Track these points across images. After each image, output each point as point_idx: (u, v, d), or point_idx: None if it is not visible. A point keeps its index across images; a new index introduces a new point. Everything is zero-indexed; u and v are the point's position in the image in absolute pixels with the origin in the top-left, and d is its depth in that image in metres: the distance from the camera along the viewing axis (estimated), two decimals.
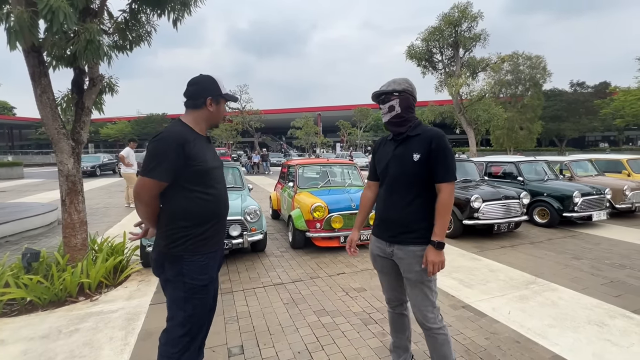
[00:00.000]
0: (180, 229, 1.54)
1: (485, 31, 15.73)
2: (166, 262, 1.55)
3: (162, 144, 1.48)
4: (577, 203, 5.92)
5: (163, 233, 1.57)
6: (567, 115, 32.81)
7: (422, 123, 1.80)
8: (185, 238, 1.54)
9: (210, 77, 1.66)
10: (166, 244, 1.55)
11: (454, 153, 1.71)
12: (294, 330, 2.64)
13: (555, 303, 3.11)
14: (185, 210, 1.55)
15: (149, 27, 4.60)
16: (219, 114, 1.70)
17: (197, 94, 1.63)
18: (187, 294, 1.55)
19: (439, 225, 1.65)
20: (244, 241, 4.10)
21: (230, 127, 36.69)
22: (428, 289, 1.72)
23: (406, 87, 1.75)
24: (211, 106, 1.64)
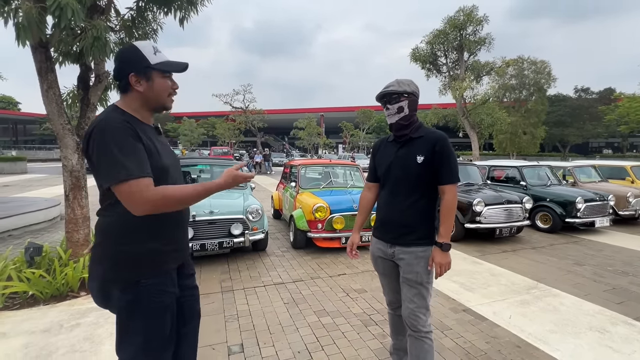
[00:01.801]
0: (133, 245, 1.19)
1: (490, 35, 15.75)
2: (114, 290, 1.20)
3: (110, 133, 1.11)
4: (580, 209, 5.89)
5: (109, 254, 1.19)
6: (571, 121, 32.70)
7: (423, 124, 1.81)
8: (139, 257, 1.21)
9: (131, 47, 1.24)
10: (112, 267, 1.19)
11: (455, 154, 1.73)
12: (294, 330, 2.64)
13: (557, 308, 3.09)
14: (137, 222, 1.16)
15: (155, 25, 4.62)
16: (155, 93, 1.24)
17: (117, 73, 1.24)
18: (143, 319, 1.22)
19: (444, 227, 1.66)
20: (245, 240, 4.11)
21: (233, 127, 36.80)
22: (425, 290, 1.72)
23: (415, 89, 1.76)
24: (139, 84, 1.21)
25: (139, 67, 1.21)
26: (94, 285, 1.23)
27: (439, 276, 1.67)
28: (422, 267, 1.69)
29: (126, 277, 1.19)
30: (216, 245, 3.96)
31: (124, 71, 1.22)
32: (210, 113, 47.60)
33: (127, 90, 1.23)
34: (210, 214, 4.01)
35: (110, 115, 1.18)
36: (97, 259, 1.22)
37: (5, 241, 4.99)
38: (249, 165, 22.36)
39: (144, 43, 1.25)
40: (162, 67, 1.25)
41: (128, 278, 1.19)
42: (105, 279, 1.20)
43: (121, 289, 1.19)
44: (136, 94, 1.23)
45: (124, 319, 1.23)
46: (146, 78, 1.23)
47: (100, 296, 1.23)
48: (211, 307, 2.99)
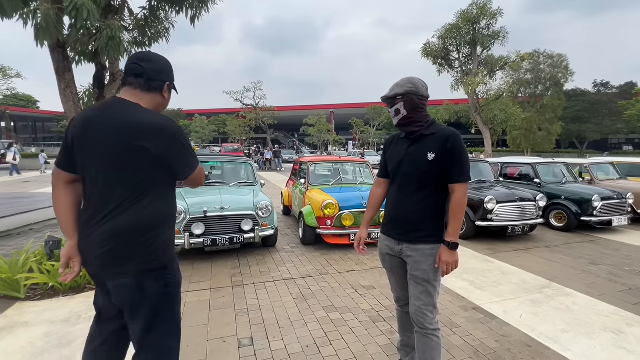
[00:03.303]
0: (164, 233, 1.34)
1: (504, 29, 15.36)
2: (147, 280, 1.28)
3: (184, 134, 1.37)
4: (596, 207, 5.74)
5: (144, 245, 1.27)
6: (589, 117, 31.67)
7: (436, 122, 1.78)
8: (167, 243, 1.35)
9: (168, 61, 1.43)
10: (147, 258, 1.28)
11: (466, 152, 1.70)
12: (303, 325, 2.67)
13: (570, 308, 3.04)
14: (166, 212, 1.36)
15: (167, 23, 4.70)
16: (167, 104, 1.46)
17: (155, 74, 1.35)
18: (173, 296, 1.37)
19: (452, 225, 1.65)
20: (255, 236, 4.16)
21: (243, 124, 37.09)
22: (433, 288, 1.72)
23: (408, 88, 1.71)
24: (166, 93, 1.41)
25: (172, 80, 1.44)
26: (126, 281, 1.25)
27: (446, 275, 1.67)
28: (430, 264, 1.69)
29: (157, 265, 1.30)
30: (227, 241, 4.03)
31: (164, 77, 1.39)
32: (221, 110, 48.04)
33: (154, 91, 1.37)
34: (221, 210, 4.08)
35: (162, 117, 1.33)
36: (127, 256, 1.24)
37: (26, 235, 5.19)
38: (259, 162, 22.54)
39: None
40: (175, 89, 1.50)
41: (158, 264, 1.30)
42: (140, 272, 1.27)
43: (154, 278, 1.29)
44: (159, 99, 1.39)
45: (160, 308, 1.32)
46: (170, 91, 1.44)
47: (135, 290, 1.26)
48: (222, 301, 3.06)
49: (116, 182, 1.23)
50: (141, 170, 1.24)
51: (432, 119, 1.78)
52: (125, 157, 1.22)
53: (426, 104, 1.78)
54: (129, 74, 1.33)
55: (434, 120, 1.78)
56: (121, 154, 1.22)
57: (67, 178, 1.32)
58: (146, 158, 1.23)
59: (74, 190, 1.34)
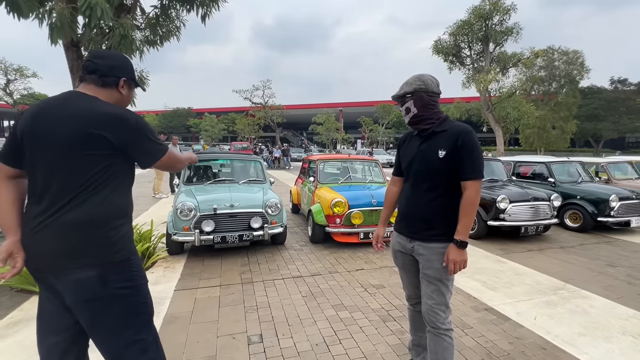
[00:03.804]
0: (123, 226, 1.32)
1: (518, 25, 15.01)
2: (111, 274, 1.25)
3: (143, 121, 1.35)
4: (613, 207, 5.57)
5: (104, 239, 1.24)
6: (606, 115, 30.81)
7: (449, 118, 1.75)
8: (127, 236, 1.34)
9: (125, 57, 1.46)
10: (108, 251, 1.25)
11: (480, 149, 1.65)
12: (312, 323, 2.66)
13: (586, 311, 2.95)
14: (126, 204, 1.37)
15: (179, 22, 4.73)
16: (128, 100, 1.45)
17: (109, 70, 1.34)
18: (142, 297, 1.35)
19: (462, 223, 1.62)
20: (264, 233, 4.17)
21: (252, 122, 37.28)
22: (445, 287, 1.69)
23: (417, 86, 1.69)
24: (123, 89, 1.39)
25: (130, 76, 1.42)
26: (88, 274, 1.20)
27: (453, 273, 1.64)
28: (442, 263, 1.66)
29: (120, 257, 1.28)
30: (236, 238, 4.05)
31: (118, 72, 1.37)
32: (230, 109, 48.39)
33: (109, 87, 1.36)
34: (230, 207, 4.10)
35: (123, 108, 1.35)
36: (88, 249, 1.21)
37: None
38: (268, 160, 22.64)
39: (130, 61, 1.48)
40: (137, 82, 1.50)
41: (122, 257, 1.28)
42: (104, 263, 1.23)
43: (117, 271, 1.26)
44: (116, 95, 1.38)
45: (131, 303, 1.29)
46: (129, 86, 1.44)
47: (99, 283, 1.22)
48: (231, 298, 3.07)
49: (73, 173, 1.19)
50: (99, 160, 1.22)
51: (444, 116, 1.75)
52: (82, 146, 1.18)
53: (437, 100, 1.75)
54: (84, 71, 1.33)
55: (446, 116, 1.75)
56: (79, 143, 1.18)
57: (11, 173, 1.27)
58: (105, 147, 1.21)
59: (17, 186, 1.29)
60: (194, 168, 5.61)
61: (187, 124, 51.71)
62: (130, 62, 1.45)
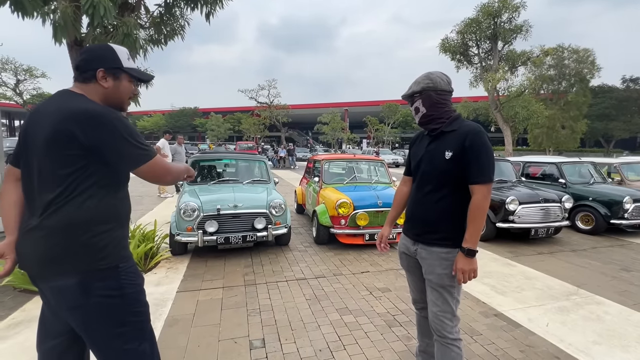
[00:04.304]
0: (110, 231, 1.23)
1: (527, 22, 14.75)
2: (94, 281, 1.18)
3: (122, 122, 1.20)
4: (627, 209, 5.40)
5: (86, 243, 1.17)
6: (617, 114, 30.20)
7: (461, 117, 1.67)
8: (115, 242, 1.25)
9: (107, 46, 1.31)
10: (92, 257, 1.18)
11: (490, 150, 1.55)
12: (316, 327, 2.60)
13: (601, 318, 2.84)
14: (113, 209, 1.27)
15: (183, 21, 4.70)
16: (118, 93, 1.30)
17: (85, 64, 1.26)
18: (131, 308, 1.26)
19: (470, 230, 1.53)
20: (268, 234, 4.12)
21: (258, 122, 37.37)
22: (449, 294, 1.61)
23: (425, 84, 1.63)
24: (105, 80, 1.26)
25: (110, 65, 1.28)
26: (69, 283, 1.14)
27: (463, 283, 1.57)
28: (444, 269, 1.58)
29: (106, 264, 1.20)
30: (240, 239, 4.00)
31: (94, 64, 1.26)
32: (236, 108, 48.59)
33: (89, 82, 1.27)
34: (234, 207, 4.05)
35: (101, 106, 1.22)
36: (69, 255, 1.15)
37: None
38: (273, 160, 22.64)
39: (121, 48, 1.33)
40: (132, 72, 1.34)
41: (108, 264, 1.20)
42: (85, 270, 1.16)
43: (101, 278, 1.18)
44: (99, 88, 1.27)
45: (112, 311, 1.21)
46: (114, 77, 1.29)
47: (80, 291, 1.15)
48: (234, 300, 3.02)
49: (50, 174, 1.14)
50: (73, 161, 1.13)
51: (456, 115, 1.66)
52: (54, 145, 1.12)
53: (448, 98, 1.67)
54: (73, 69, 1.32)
55: (458, 115, 1.67)
56: (51, 141, 1.12)
57: (17, 174, 1.26)
58: (76, 147, 1.12)
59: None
60: (198, 168, 5.58)
61: (194, 123, 52.09)
62: (112, 52, 1.29)
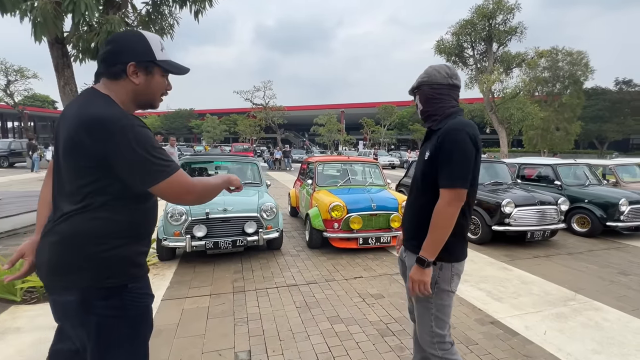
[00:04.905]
0: (121, 247, 1.11)
1: (522, 24, 14.81)
2: (97, 300, 1.07)
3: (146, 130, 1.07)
4: (623, 212, 5.36)
5: (93, 259, 1.06)
6: (610, 116, 30.50)
7: (456, 114, 1.50)
8: (127, 260, 1.12)
9: (138, 35, 1.13)
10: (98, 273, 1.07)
11: (466, 151, 1.36)
12: (305, 337, 2.49)
13: (600, 325, 2.76)
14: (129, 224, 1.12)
15: (172, 19, 4.59)
16: (151, 89, 1.15)
17: (114, 58, 1.09)
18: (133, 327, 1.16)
19: (427, 238, 1.39)
20: (259, 238, 4.00)
21: (253, 123, 37.19)
22: (425, 308, 1.50)
23: (421, 79, 1.54)
24: (136, 76, 1.10)
25: (142, 59, 1.11)
26: (70, 298, 1.06)
27: (413, 294, 1.44)
28: None
29: (113, 283, 1.08)
30: (229, 244, 3.88)
31: (124, 57, 1.09)
32: (232, 110, 48.38)
33: (119, 78, 1.10)
34: (224, 211, 3.93)
35: (121, 112, 1.05)
36: (73, 268, 1.06)
37: (28, 235, 5.17)
38: (268, 162, 22.50)
39: (153, 36, 1.15)
40: (166, 66, 1.16)
41: (115, 283, 1.09)
42: (88, 286, 1.06)
43: (105, 297, 1.07)
44: (129, 85, 1.11)
45: (110, 331, 1.10)
46: (146, 72, 1.12)
47: (80, 309, 1.07)
48: (221, 309, 2.90)
49: (68, 182, 1.07)
50: (86, 172, 1.03)
51: (451, 111, 1.50)
52: (69, 153, 1.04)
53: (446, 93, 1.52)
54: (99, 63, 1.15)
55: (453, 112, 1.50)
56: (67, 149, 1.04)
57: None
58: (87, 157, 1.01)
59: None
60: (188, 170, 5.45)
61: (189, 125, 51.77)
62: (144, 41, 1.11)
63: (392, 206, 4.56)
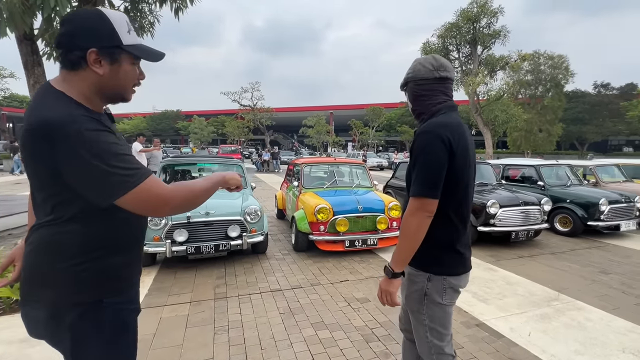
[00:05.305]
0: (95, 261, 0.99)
1: (505, 27, 15.13)
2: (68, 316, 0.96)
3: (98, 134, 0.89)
4: (603, 211, 5.48)
5: (64, 274, 0.95)
6: (590, 118, 31.52)
7: (441, 113, 1.35)
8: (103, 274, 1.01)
9: (98, 13, 0.92)
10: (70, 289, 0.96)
11: (433, 156, 1.24)
12: (288, 345, 2.40)
13: (582, 325, 2.77)
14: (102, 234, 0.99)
15: (152, 17, 4.45)
16: (119, 80, 0.97)
17: (69, 41, 0.91)
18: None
19: (396, 248, 1.30)
20: (243, 243, 3.90)
21: (242, 125, 36.86)
22: (417, 320, 1.43)
23: (407, 75, 1.44)
24: (99, 65, 0.92)
25: (105, 44, 0.91)
26: (40, 313, 0.96)
27: (381, 302, 1.36)
28: (412, 291, 1.40)
29: (86, 299, 0.98)
30: (212, 248, 3.76)
31: (81, 41, 0.90)
32: (220, 111, 47.87)
33: (78, 68, 0.92)
34: (205, 215, 3.81)
35: (69, 114, 0.88)
36: (44, 282, 0.96)
37: (3, 240, 4.91)
38: (257, 163, 22.29)
39: (117, 15, 0.95)
40: (136, 52, 0.97)
41: (88, 299, 0.98)
42: (59, 303, 0.96)
43: (79, 313, 0.96)
44: (92, 77, 0.93)
45: (86, 350, 1.00)
46: (111, 60, 0.93)
47: (51, 325, 0.97)
48: (201, 317, 2.79)
49: (37, 192, 0.96)
50: (45, 184, 0.92)
51: (438, 109, 1.36)
52: (27, 164, 0.92)
53: (434, 88, 1.38)
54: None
55: (439, 109, 1.36)
56: (25, 160, 0.92)
57: None
58: (41, 169, 0.89)
59: None
60: (171, 172, 5.30)
61: (176, 126, 50.93)
62: (106, 22, 0.91)
63: (379, 208, 4.52)
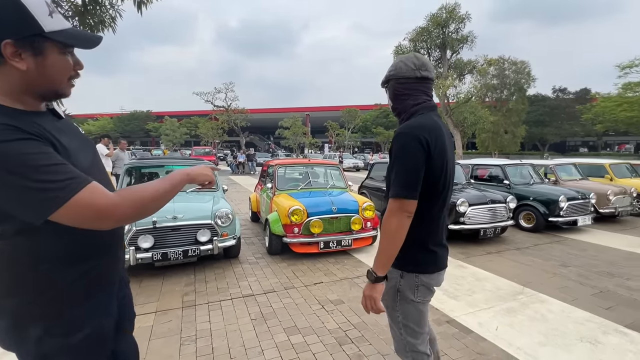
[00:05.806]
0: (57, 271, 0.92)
1: (472, 33, 15.81)
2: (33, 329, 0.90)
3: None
4: (562, 207, 5.82)
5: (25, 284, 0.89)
6: (550, 120, 33.63)
7: (419, 113, 1.34)
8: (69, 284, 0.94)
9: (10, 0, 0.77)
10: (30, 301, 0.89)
11: (411, 156, 1.23)
12: (259, 353, 2.32)
13: (545, 317, 2.90)
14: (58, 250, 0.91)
15: (114, 11, 4.21)
16: (49, 75, 0.85)
17: None
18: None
19: (377, 252, 1.29)
20: (213, 247, 3.75)
21: (216, 126, 36.00)
22: (391, 317, 1.45)
23: (389, 72, 1.42)
24: (20, 59, 0.80)
25: (22, 33, 0.78)
26: (3, 322, 0.89)
27: (365, 309, 1.33)
28: (388, 289, 1.40)
29: (50, 311, 0.91)
30: (180, 254, 3.59)
31: None
32: (193, 112, 46.52)
33: None
34: (173, 219, 3.64)
35: None
36: (2, 289, 0.89)
37: None
38: (231, 165, 21.82)
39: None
40: (64, 38, 0.84)
41: (53, 311, 0.91)
42: (19, 316, 0.89)
43: (44, 328, 0.90)
44: (13, 73, 0.80)
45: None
46: (33, 51, 0.81)
47: (12, 338, 0.90)
48: (167, 327, 2.64)
49: None
50: None
51: (417, 109, 1.35)
52: None
53: (414, 87, 1.37)
54: None
55: (418, 110, 1.34)
56: None
57: None
58: None
59: None
60: (136, 175, 5.04)
61: (146, 127, 48.88)
62: (18, 4, 0.76)
63: (353, 208, 4.53)
